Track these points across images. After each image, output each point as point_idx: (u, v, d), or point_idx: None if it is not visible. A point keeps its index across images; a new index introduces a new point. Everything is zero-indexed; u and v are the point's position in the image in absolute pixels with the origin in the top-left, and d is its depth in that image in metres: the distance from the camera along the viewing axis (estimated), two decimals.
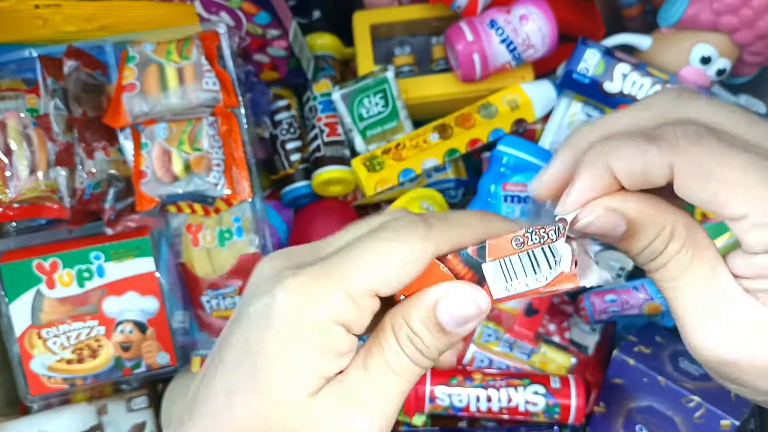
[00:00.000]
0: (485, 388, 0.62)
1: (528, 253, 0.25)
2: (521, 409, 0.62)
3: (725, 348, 0.23)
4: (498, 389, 0.62)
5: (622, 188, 0.25)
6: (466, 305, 0.25)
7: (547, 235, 0.25)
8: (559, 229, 0.25)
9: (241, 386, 0.25)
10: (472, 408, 0.62)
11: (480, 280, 0.26)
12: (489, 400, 0.62)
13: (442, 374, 0.63)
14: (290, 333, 0.24)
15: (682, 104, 0.25)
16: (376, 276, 0.25)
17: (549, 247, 0.25)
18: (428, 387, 0.63)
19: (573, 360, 0.66)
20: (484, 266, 0.26)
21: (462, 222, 0.27)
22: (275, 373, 0.24)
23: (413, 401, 0.63)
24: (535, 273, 0.25)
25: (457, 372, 0.64)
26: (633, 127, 0.25)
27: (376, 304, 0.25)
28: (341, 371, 0.25)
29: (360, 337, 0.26)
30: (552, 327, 0.67)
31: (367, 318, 0.25)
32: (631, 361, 0.59)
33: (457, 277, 0.26)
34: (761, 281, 0.23)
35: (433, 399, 0.63)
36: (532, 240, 0.25)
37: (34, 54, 0.60)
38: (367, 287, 0.25)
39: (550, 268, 0.25)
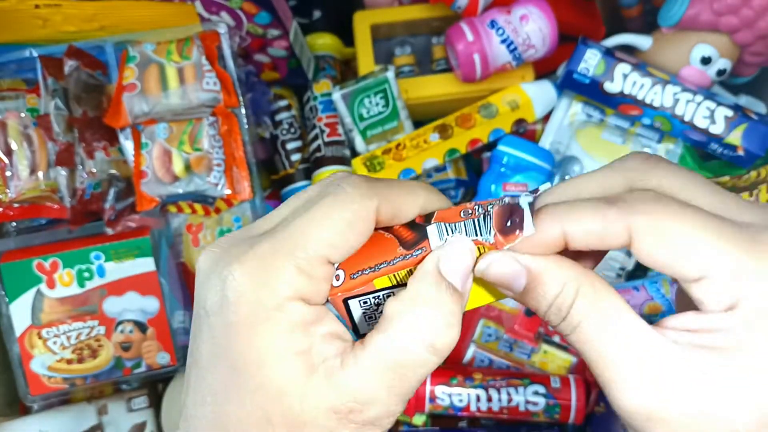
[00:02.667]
0: (485, 388, 0.62)
1: (473, 221, 0.25)
2: (521, 409, 0.62)
3: (648, 404, 0.22)
4: (498, 389, 0.62)
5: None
6: (464, 255, 0.25)
7: (493, 205, 0.25)
8: (505, 202, 0.25)
9: (224, 390, 0.24)
10: (473, 408, 0.62)
11: (422, 238, 0.26)
12: (489, 400, 0.62)
13: (442, 374, 0.63)
14: (252, 323, 0.23)
15: (647, 170, 0.24)
16: (324, 242, 0.24)
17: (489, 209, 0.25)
18: (428, 387, 0.63)
19: (573, 360, 0.66)
20: (428, 227, 0.25)
21: (406, 187, 0.26)
22: (255, 367, 0.23)
23: (413, 401, 0.63)
24: (474, 228, 0.25)
25: (458, 372, 0.64)
26: (600, 193, 0.25)
27: (329, 271, 0.25)
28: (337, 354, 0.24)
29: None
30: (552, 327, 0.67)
31: (324, 287, 0.24)
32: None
33: (401, 239, 0.26)
34: (708, 336, 0.22)
35: (433, 399, 0.63)
36: (478, 211, 0.25)
37: (35, 54, 0.60)
38: (316, 256, 0.24)
39: (485, 225, 0.25)
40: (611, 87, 0.63)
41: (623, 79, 0.63)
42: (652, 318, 0.67)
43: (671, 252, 0.22)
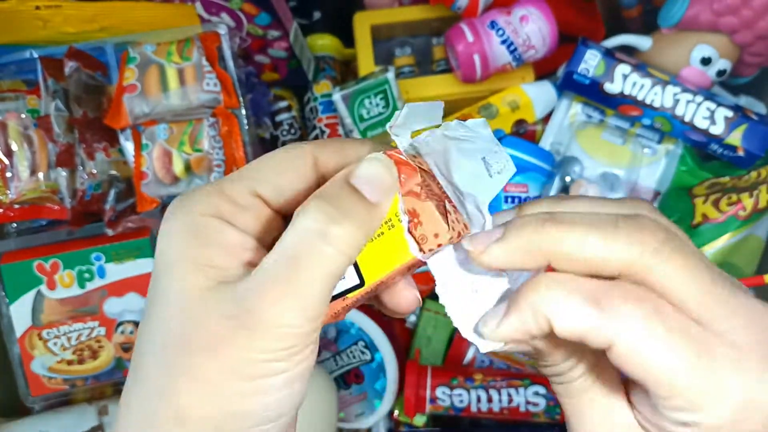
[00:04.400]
0: (486, 388, 0.62)
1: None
2: (522, 409, 0.62)
3: None
4: (499, 390, 0.62)
5: None
6: (383, 170, 0.24)
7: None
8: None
9: (146, 312, 0.24)
10: (473, 408, 0.62)
11: None
12: (490, 400, 0.62)
13: (443, 375, 0.63)
14: (171, 238, 0.24)
15: (652, 261, 0.23)
16: (251, 175, 0.25)
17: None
18: (429, 387, 0.63)
19: None
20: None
21: (347, 140, 0.27)
22: (164, 284, 0.23)
23: (414, 402, 0.63)
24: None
25: (458, 372, 0.64)
26: (595, 256, 0.23)
27: (259, 206, 0.25)
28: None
29: None
30: None
31: (249, 217, 0.24)
32: None
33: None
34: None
35: (434, 399, 0.63)
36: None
37: (35, 55, 0.60)
38: (242, 185, 0.24)
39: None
40: (611, 88, 0.63)
41: (623, 80, 0.63)
42: None
43: (643, 374, 0.22)
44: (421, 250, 0.25)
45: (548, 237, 0.23)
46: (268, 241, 0.25)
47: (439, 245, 0.24)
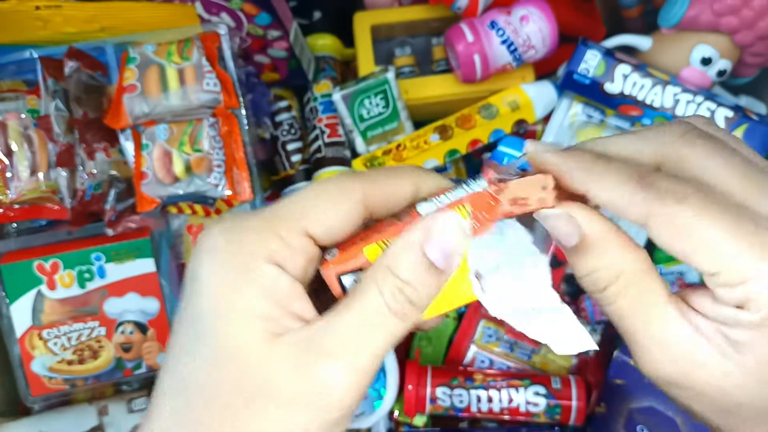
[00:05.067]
0: (486, 389, 0.62)
1: (462, 185, 0.26)
2: (522, 409, 0.62)
3: (670, 375, 0.24)
4: (499, 390, 0.62)
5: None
6: (454, 231, 0.24)
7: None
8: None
9: (185, 347, 0.23)
10: (473, 409, 0.62)
11: (411, 209, 0.25)
12: (490, 400, 0.62)
13: (443, 375, 0.63)
14: (219, 280, 0.23)
15: (683, 146, 0.24)
16: (304, 213, 0.24)
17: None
18: (429, 388, 0.63)
19: (573, 360, 0.66)
20: (418, 205, 0.25)
21: (394, 169, 0.26)
22: (216, 324, 0.22)
23: (414, 402, 0.63)
24: (462, 188, 0.26)
25: (458, 373, 0.64)
26: (631, 158, 0.25)
27: (309, 247, 0.24)
28: (308, 323, 0.23)
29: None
30: None
31: (300, 260, 0.24)
32: (632, 362, 0.59)
33: (395, 215, 0.26)
34: (723, 328, 0.23)
35: (434, 400, 0.63)
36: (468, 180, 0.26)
37: (35, 55, 0.60)
38: (295, 224, 0.23)
39: (474, 184, 0.25)
40: (611, 88, 0.63)
41: (623, 80, 0.63)
42: None
43: (687, 247, 0.23)
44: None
45: (593, 145, 0.25)
46: (310, 276, 0.25)
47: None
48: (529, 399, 0.62)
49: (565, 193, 0.25)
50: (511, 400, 0.62)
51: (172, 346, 0.24)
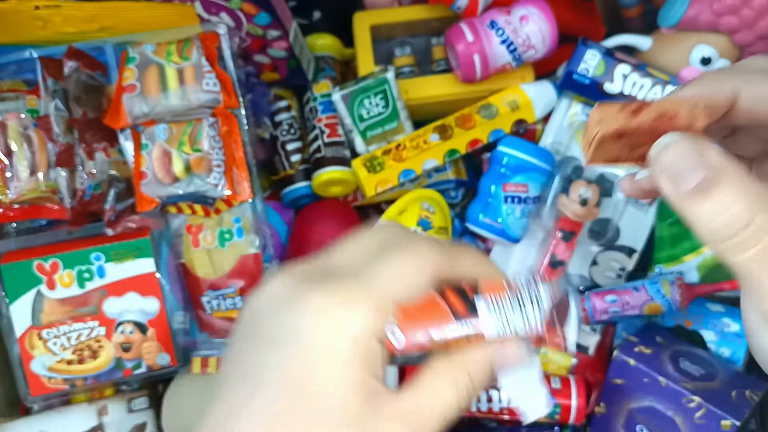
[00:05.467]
0: (485, 389, 0.62)
1: (519, 305, 0.27)
2: None
3: None
4: (498, 389, 0.62)
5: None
6: (517, 359, 0.27)
7: (535, 282, 0.27)
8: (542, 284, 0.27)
9: (287, 413, 0.24)
10: (473, 408, 0.62)
11: (472, 312, 0.27)
12: (489, 400, 0.62)
13: None
14: (330, 351, 0.24)
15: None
16: (398, 287, 0.25)
17: (535, 294, 0.26)
18: None
19: (573, 360, 0.66)
20: (477, 303, 0.27)
21: (467, 252, 0.28)
22: (323, 394, 0.24)
23: None
24: (522, 314, 0.27)
25: None
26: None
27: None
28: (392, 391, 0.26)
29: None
30: None
31: (383, 327, 0.26)
32: (632, 362, 0.59)
33: (454, 311, 0.27)
34: None
35: None
36: (521, 283, 0.27)
37: (35, 55, 0.60)
38: (390, 298, 0.25)
39: (533, 312, 0.26)
40: (611, 87, 0.63)
41: (623, 80, 0.63)
42: (653, 318, 0.67)
43: None
44: None
45: None
46: None
47: None
48: None
49: None
50: (510, 401, 0.62)
51: (262, 412, 0.24)
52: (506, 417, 0.63)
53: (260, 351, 0.25)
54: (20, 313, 0.60)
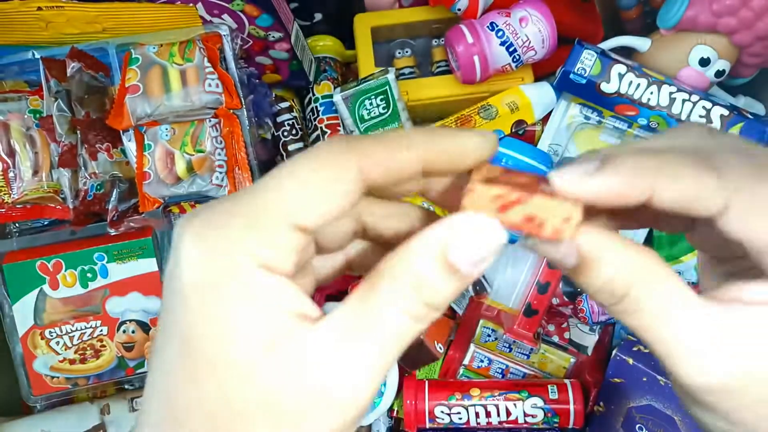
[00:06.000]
0: (484, 406, 0.63)
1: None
2: (521, 421, 0.62)
3: (717, 372, 0.21)
4: (497, 405, 0.62)
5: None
6: (484, 240, 0.21)
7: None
8: None
9: (174, 367, 0.21)
10: (473, 423, 0.63)
11: None
12: (488, 415, 0.62)
13: (439, 391, 0.63)
14: (202, 290, 0.20)
15: (716, 140, 0.23)
16: (292, 205, 0.21)
17: None
18: (427, 404, 0.63)
19: (572, 360, 0.66)
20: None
21: (396, 135, 0.22)
22: (205, 340, 0.20)
23: (414, 416, 0.63)
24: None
25: (455, 389, 0.64)
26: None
27: (299, 240, 0.21)
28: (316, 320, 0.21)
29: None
30: (551, 327, 0.68)
31: (291, 256, 0.21)
32: (631, 361, 0.60)
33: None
34: None
35: (432, 418, 0.63)
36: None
37: (38, 56, 0.60)
38: (283, 219, 0.20)
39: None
40: (607, 87, 0.63)
41: (619, 80, 0.63)
42: None
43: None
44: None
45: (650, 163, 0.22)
46: (301, 264, 0.23)
47: None
48: (527, 411, 0.62)
49: None
50: (509, 413, 0.62)
51: (155, 362, 0.22)
52: (506, 428, 0.63)
53: (161, 312, 0.22)
54: (23, 312, 0.60)
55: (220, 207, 0.21)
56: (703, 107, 0.62)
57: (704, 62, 0.65)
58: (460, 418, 0.63)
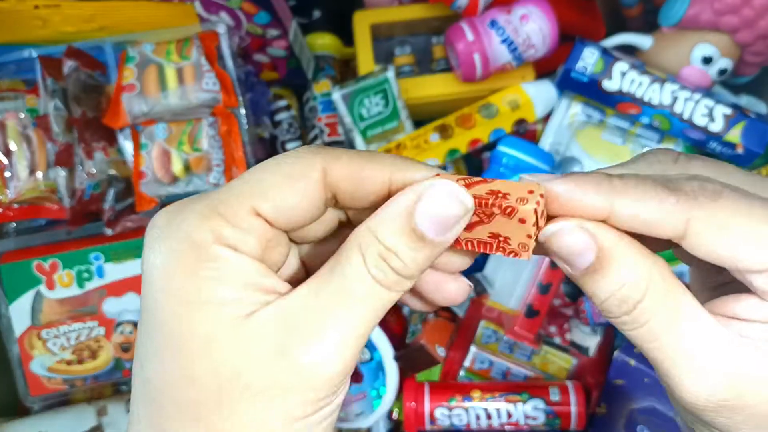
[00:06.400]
0: (485, 409, 0.62)
1: None
2: (522, 423, 0.62)
3: (715, 391, 0.21)
4: (497, 408, 0.62)
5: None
6: (450, 203, 0.21)
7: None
8: None
9: (147, 350, 0.21)
10: (473, 426, 0.62)
11: None
12: (489, 417, 0.62)
13: (440, 393, 0.63)
14: (168, 269, 0.20)
15: (680, 165, 0.23)
16: (253, 192, 0.21)
17: None
18: (427, 407, 0.63)
19: (574, 361, 0.66)
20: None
21: (370, 153, 0.23)
22: (172, 317, 0.20)
23: (414, 419, 0.63)
24: None
25: (455, 391, 0.63)
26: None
27: (262, 228, 0.22)
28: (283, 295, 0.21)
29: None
30: (553, 328, 0.67)
31: (253, 240, 0.21)
32: (632, 362, 0.59)
33: None
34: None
35: (433, 420, 0.63)
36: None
37: (34, 54, 0.60)
38: (242, 203, 0.21)
39: None
40: (609, 85, 0.63)
41: (621, 77, 0.62)
42: None
43: (733, 247, 0.21)
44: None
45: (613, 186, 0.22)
46: (272, 261, 0.23)
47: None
48: (528, 413, 0.62)
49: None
50: (510, 416, 0.62)
51: (137, 350, 0.22)
52: (507, 428, 0.63)
53: (141, 305, 0.22)
54: (20, 313, 0.60)
55: (189, 198, 0.22)
56: (705, 106, 0.62)
57: (706, 60, 0.64)
58: (461, 421, 0.62)
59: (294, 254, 0.26)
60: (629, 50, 0.67)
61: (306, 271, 0.26)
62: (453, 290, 0.25)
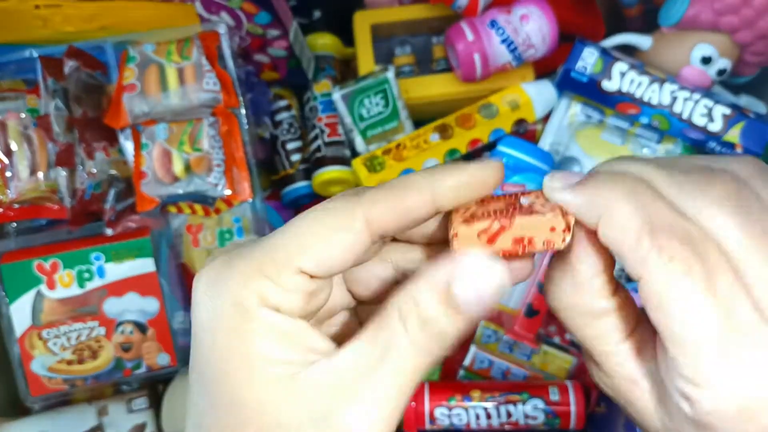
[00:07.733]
0: (485, 408, 0.62)
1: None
2: (521, 423, 0.62)
3: (727, 396, 0.20)
4: (497, 407, 0.62)
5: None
6: (487, 280, 0.21)
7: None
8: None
9: (202, 407, 0.22)
10: (473, 425, 0.62)
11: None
12: (489, 417, 0.62)
13: (440, 393, 0.63)
14: (216, 329, 0.21)
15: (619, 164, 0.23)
16: (297, 250, 0.22)
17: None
18: (427, 406, 0.63)
19: (573, 361, 0.66)
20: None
21: (404, 183, 0.23)
22: (222, 377, 0.21)
23: (414, 418, 0.63)
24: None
25: (455, 390, 0.63)
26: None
27: (306, 284, 0.22)
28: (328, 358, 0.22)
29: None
30: (552, 328, 0.67)
31: (296, 299, 0.22)
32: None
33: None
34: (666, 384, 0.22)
35: (433, 420, 0.63)
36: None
37: (35, 54, 0.60)
38: (286, 264, 0.21)
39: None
40: (609, 85, 0.63)
41: (621, 78, 0.62)
42: None
43: (658, 319, 0.22)
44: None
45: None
46: (316, 305, 0.24)
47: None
48: (528, 413, 0.62)
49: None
50: (510, 415, 0.62)
51: (190, 390, 0.23)
52: (507, 428, 0.63)
53: (191, 350, 0.23)
54: (20, 313, 0.60)
55: (234, 252, 0.23)
56: (705, 106, 0.62)
57: (706, 60, 0.64)
58: (461, 420, 0.62)
59: (339, 284, 0.27)
60: (629, 50, 0.67)
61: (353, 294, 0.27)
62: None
